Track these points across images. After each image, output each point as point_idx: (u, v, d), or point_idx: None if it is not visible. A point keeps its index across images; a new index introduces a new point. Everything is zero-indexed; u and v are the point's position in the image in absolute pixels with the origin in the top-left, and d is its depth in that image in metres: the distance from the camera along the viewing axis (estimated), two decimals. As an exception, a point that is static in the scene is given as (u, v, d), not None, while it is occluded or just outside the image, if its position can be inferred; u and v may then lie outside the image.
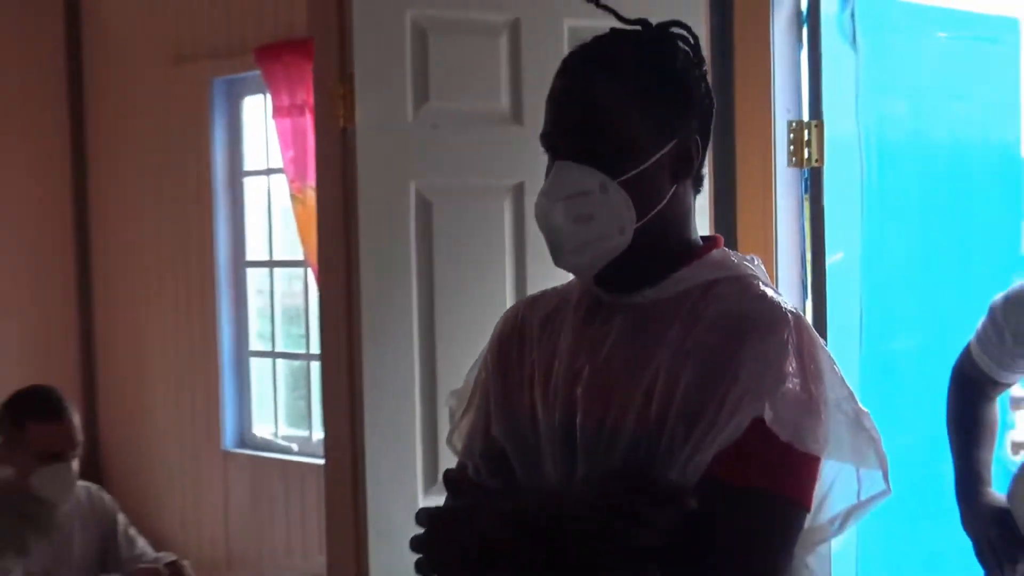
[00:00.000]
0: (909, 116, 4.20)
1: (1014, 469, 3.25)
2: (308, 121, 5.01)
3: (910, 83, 4.19)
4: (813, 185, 3.99)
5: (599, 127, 1.92)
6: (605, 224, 1.92)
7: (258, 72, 5.50)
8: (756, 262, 2.03)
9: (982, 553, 3.16)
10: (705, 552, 1.82)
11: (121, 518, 4.47)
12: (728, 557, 1.82)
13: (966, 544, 3.23)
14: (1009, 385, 3.30)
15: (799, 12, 4.00)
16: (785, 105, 3.98)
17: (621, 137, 1.92)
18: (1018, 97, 4.59)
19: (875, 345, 4.03)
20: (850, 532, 3.81)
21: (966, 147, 4.39)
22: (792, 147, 3.97)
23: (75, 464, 4.25)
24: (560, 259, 1.98)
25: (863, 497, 1.93)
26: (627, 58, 1.96)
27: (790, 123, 3.97)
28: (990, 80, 4.48)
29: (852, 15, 3.97)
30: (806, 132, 3.95)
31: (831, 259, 3.96)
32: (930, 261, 4.25)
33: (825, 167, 3.95)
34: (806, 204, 4.04)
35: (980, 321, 3.19)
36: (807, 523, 1.89)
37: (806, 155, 3.96)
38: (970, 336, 3.23)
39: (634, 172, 1.92)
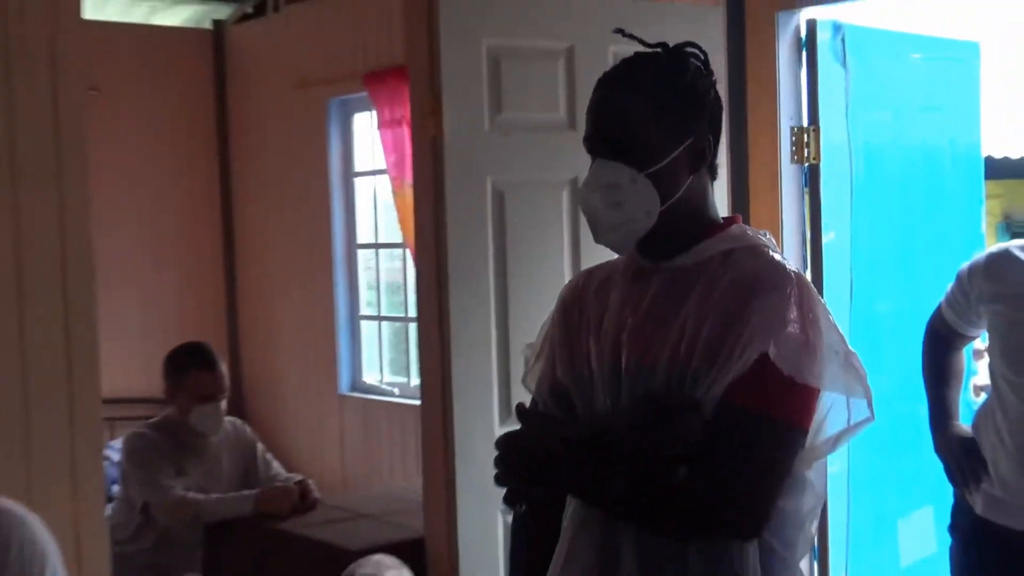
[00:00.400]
0: (890, 123, 4.16)
1: (976, 407, 3.22)
2: (405, 132, 5.01)
3: (890, 96, 4.15)
4: (811, 179, 3.98)
5: (626, 133, 1.94)
6: (634, 209, 1.94)
7: (366, 93, 5.52)
8: (767, 235, 2.03)
9: (951, 473, 3.14)
10: (719, 463, 1.83)
11: (259, 446, 4.51)
12: (737, 467, 1.83)
13: (938, 467, 3.21)
14: (973, 338, 3.26)
15: (799, 38, 3.97)
16: (788, 114, 3.95)
17: (644, 140, 1.93)
18: (979, 107, 4.54)
19: (862, 307, 4.00)
20: (843, 457, 3.83)
21: (936, 147, 4.35)
22: (794, 148, 3.94)
23: (223, 404, 4.29)
24: (598, 237, 2.00)
25: (852, 422, 1.92)
26: (648, 76, 1.97)
27: (792, 128, 3.94)
28: (956, 93, 4.42)
29: (843, 40, 3.94)
30: (806, 136, 3.93)
31: (826, 238, 3.93)
32: (907, 239, 4.21)
33: (821, 164, 3.93)
34: (806, 194, 4.03)
35: (949, 286, 3.16)
36: (808, 443, 1.89)
37: (806, 154, 3.94)
38: (940, 299, 3.21)
39: (657, 167, 1.93)
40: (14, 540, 2.38)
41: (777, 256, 1.97)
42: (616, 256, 2.12)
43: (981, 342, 3.42)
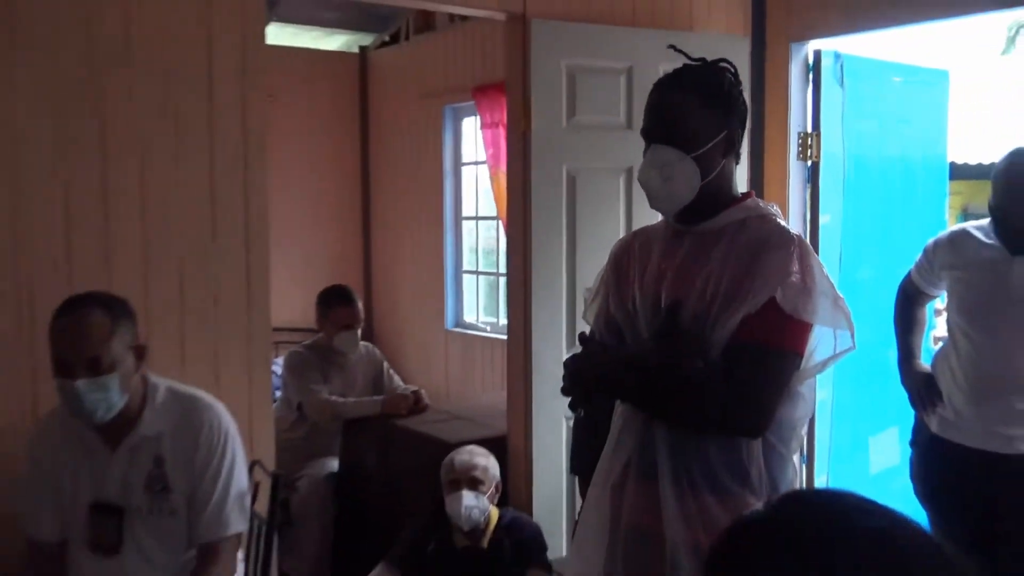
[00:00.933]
0: (876, 132, 4.08)
1: (935, 351, 3.17)
2: (501, 131, 5.01)
3: (877, 111, 4.06)
4: (813, 173, 3.92)
5: (678, 124, 1.92)
6: (681, 183, 1.92)
7: (472, 102, 5.52)
8: (774, 207, 2.01)
9: (914, 400, 3.09)
10: (736, 381, 1.83)
11: (386, 364, 4.55)
12: (749, 383, 1.83)
13: (903, 396, 3.16)
14: (934, 297, 3.20)
15: (807, 64, 3.91)
16: (797, 122, 3.90)
17: (690, 130, 1.92)
18: (946, 121, 4.42)
19: (848, 274, 3.94)
20: (828, 387, 3.78)
21: (911, 153, 4.25)
22: (800, 148, 3.89)
23: (359, 332, 4.34)
24: (653, 204, 2.00)
25: (837, 350, 1.90)
26: (694, 82, 1.95)
27: (799, 134, 3.88)
28: (928, 110, 4.32)
29: (841, 66, 3.87)
30: (809, 140, 3.87)
31: (823, 220, 3.88)
32: (885, 223, 4.13)
33: (821, 162, 3.87)
34: (808, 185, 3.97)
35: (917, 257, 3.12)
36: (802, 365, 1.88)
37: (809, 154, 3.88)
38: (910, 267, 3.16)
39: (699, 151, 1.92)
40: (205, 422, 2.45)
41: (782, 222, 1.96)
42: (657, 222, 2.12)
43: (940, 302, 3.36)
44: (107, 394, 2.27)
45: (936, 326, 4.12)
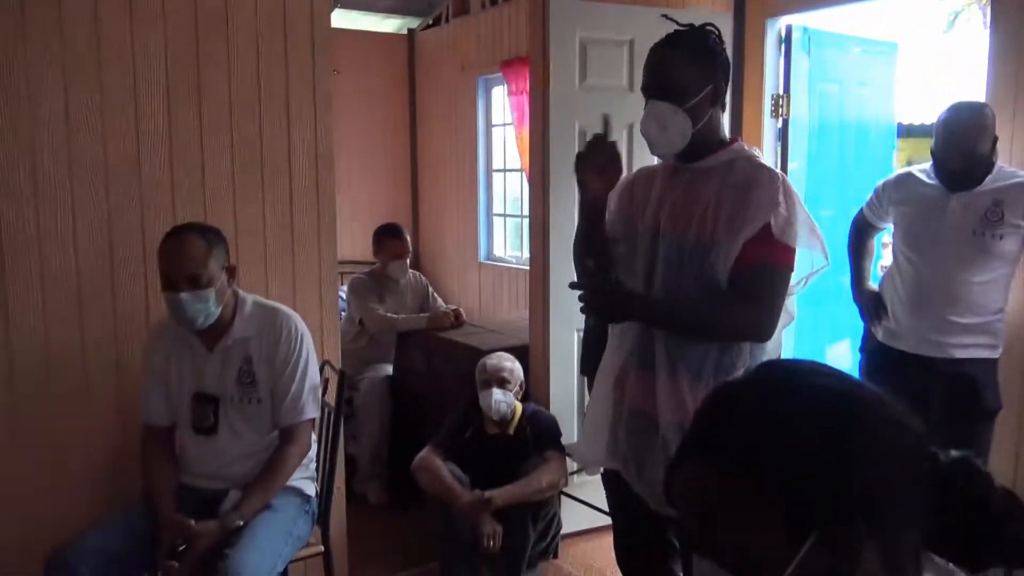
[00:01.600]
0: (836, 94, 3.98)
1: (882, 274, 3.12)
2: (525, 99, 4.92)
3: (837, 76, 3.96)
4: (783, 129, 3.83)
5: (670, 81, 1.87)
6: (676, 132, 1.88)
7: (501, 74, 5.43)
8: (756, 150, 1.96)
9: (864, 315, 3.07)
10: (745, 295, 1.80)
11: (430, 288, 4.56)
12: (757, 296, 1.80)
13: (855, 312, 3.12)
14: (882, 229, 3.14)
15: (780, 36, 3.80)
16: (771, 85, 3.80)
17: (682, 85, 1.86)
18: (894, 86, 4.30)
19: (811, 212, 3.81)
20: (799, 306, 3.73)
21: (865, 113, 4.15)
22: (773, 108, 3.79)
23: (408, 261, 4.34)
24: (653, 151, 1.96)
25: (814, 268, 1.88)
26: (684, 43, 1.90)
27: (772, 95, 3.79)
28: (880, 76, 4.20)
29: (809, 39, 3.76)
30: (781, 100, 3.77)
31: (791, 166, 3.80)
32: (842, 170, 4.05)
33: (790, 119, 3.78)
34: (779, 140, 3.88)
35: (868, 196, 3.06)
36: None
37: (780, 112, 3.79)
38: (863, 204, 3.10)
39: (690, 104, 1.87)
40: (284, 328, 2.45)
41: (766, 162, 1.91)
42: (655, 163, 2.07)
43: (888, 236, 3.30)
44: (205, 305, 2.28)
45: (883, 257, 4.06)
